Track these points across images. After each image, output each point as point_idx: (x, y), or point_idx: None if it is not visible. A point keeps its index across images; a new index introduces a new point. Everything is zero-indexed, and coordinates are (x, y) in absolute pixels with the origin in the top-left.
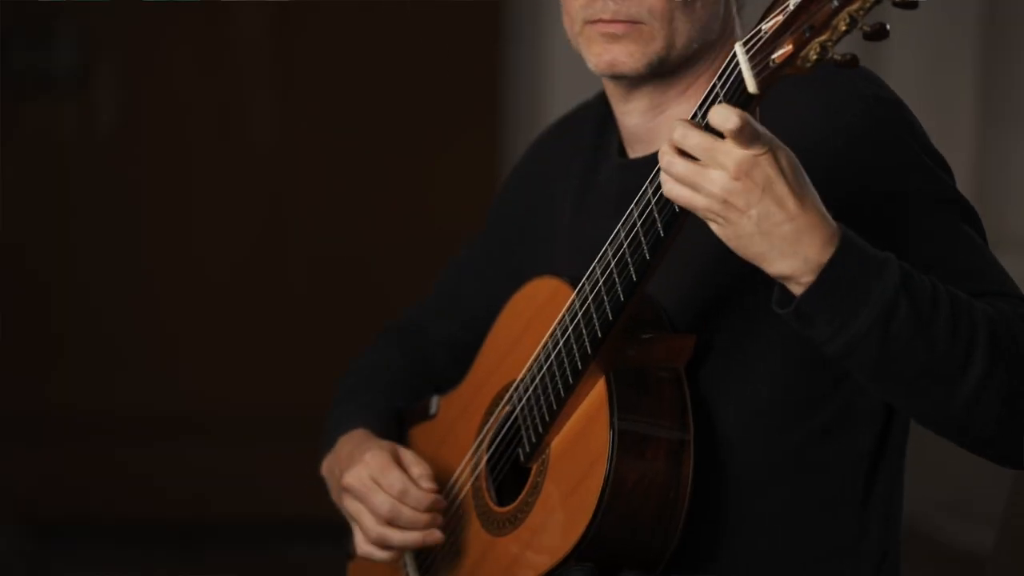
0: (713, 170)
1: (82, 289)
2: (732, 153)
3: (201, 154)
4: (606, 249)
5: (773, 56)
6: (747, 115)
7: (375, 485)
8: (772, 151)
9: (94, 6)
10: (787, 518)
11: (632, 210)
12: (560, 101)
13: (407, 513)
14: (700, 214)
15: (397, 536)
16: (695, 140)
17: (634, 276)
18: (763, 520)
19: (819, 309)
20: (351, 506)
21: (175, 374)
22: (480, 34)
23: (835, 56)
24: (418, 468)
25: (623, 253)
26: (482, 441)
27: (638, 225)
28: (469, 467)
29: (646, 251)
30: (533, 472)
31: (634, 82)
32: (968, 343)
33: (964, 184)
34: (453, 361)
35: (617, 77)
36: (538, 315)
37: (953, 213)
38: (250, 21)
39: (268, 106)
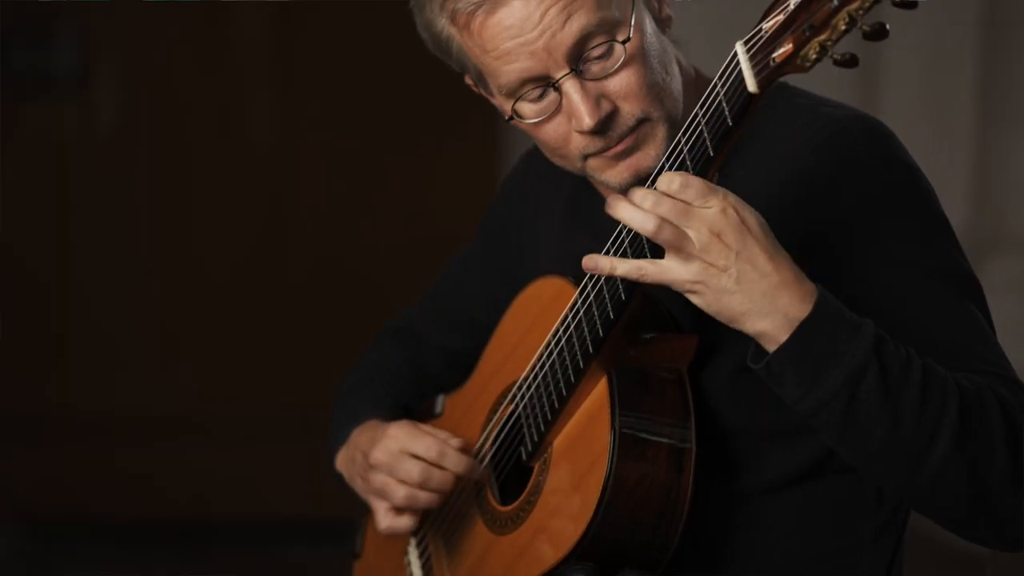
0: (691, 232)
1: (82, 289)
2: (699, 217)
3: (201, 154)
4: (608, 248)
5: (773, 55)
6: (688, 175)
7: (405, 455)
8: (736, 208)
9: (94, 6)
10: (797, 521)
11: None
12: None
13: (438, 475)
14: (679, 286)
15: (424, 497)
16: (665, 208)
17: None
18: (773, 523)
19: (789, 369)
20: (378, 480)
21: (175, 374)
22: None
23: (835, 55)
24: (445, 434)
25: (625, 252)
26: (485, 440)
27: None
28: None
29: (647, 250)
30: (535, 471)
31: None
32: (936, 419)
33: (964, 184)
34: (447, 366)
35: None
36: (543, 314)
37: (956, 287)
38: (250, 21)
39: (268, 106)
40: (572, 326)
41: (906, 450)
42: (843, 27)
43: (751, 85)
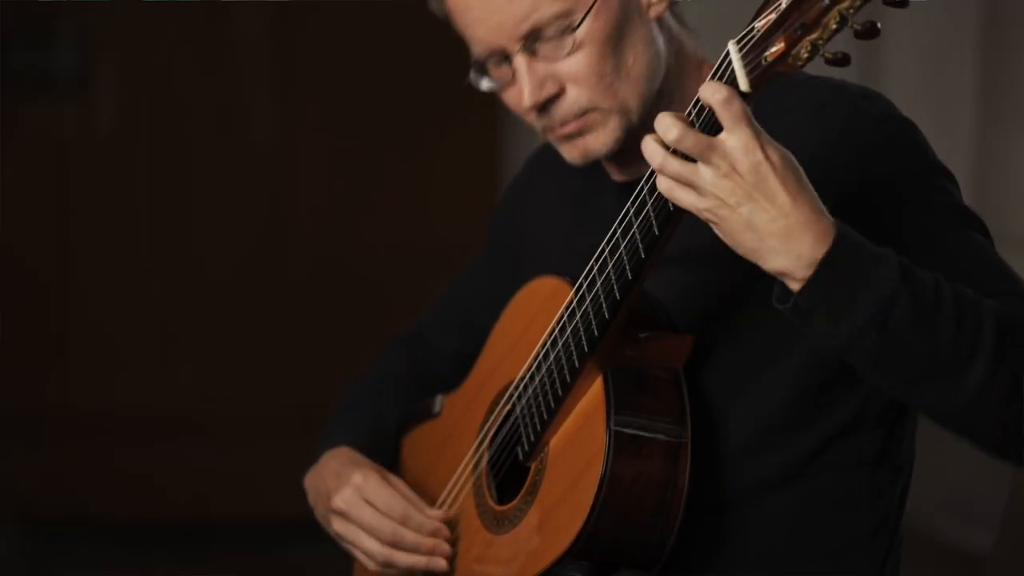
0: (704, 168)
1: (82, 289)
2: (721, 150)
3: (201, 154)
4: (603, 248)
5: (765, 54)
6: (733, 91)
7: (372, 509)
8: (762, 145)
9: (94, 6)
10: (793, 519)
11: (628, 208)
12: None
13: (410, 537)
14: (695, 212)
15: (403, 558)
16: (689, 142)
17: (630, 274)
18: (768, 520)
19: (815, 306)
20: (343, 529)
21: (175, 374)
22: None
23: (826, 54)
24: (412, 494)
25: (619, 252)
26: (483, 440)
27: (634, 224)
28: (470, 466)
29: (642, 249)
30: (532, 471)
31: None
32: (973, 338)
33: (964, 184)
34: (457, 373)
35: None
36: (539, 314)
37: (961, 221)
38: (250, 21)
39: (268, 106)
40: (568, 326)
41: (945, 372)
42: (834, 26)
43: (743, 84)
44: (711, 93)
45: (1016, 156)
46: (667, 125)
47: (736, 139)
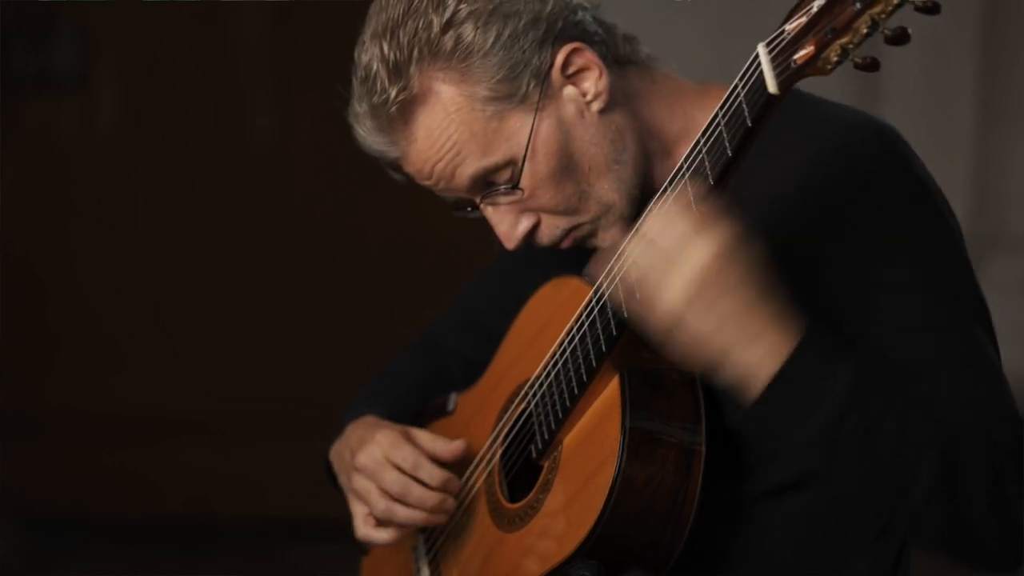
0: (677, 271)
1: (81, 289)
2: (682, 256)
3: (201, 153)
4: (624, 247)
5: (795, 57)
6: (676, 216)
7: (386, 462)
8: (723, 246)
9: (94, 6)
10: (802, 523)
11: (650, 207)
12: None
13: (417, 490)
14: (668, 317)
15: (403, 512)
16: (647, 259)
17: None
18: (777, 525)
19: (771, 412)
20: (360, 484)
21: (175, 374)
22: None
23: (855, 59)
24: (433, 443)
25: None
26: (496, 437)
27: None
28: (483, 463)
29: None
30: (545, 469)
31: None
32: (917, 455)
33: (964, 184)
34: (470, 375)
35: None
36: (557, 314)
37: (958, 311)
38: (250, 21)
39: (268, 106)
40: (586, 325)
41: (888, 485)
42: (865, 31)
43: (772, 86)
44: (653, 229)
45: (1016, 156)
46: (633, 244)
47: (693, 248)
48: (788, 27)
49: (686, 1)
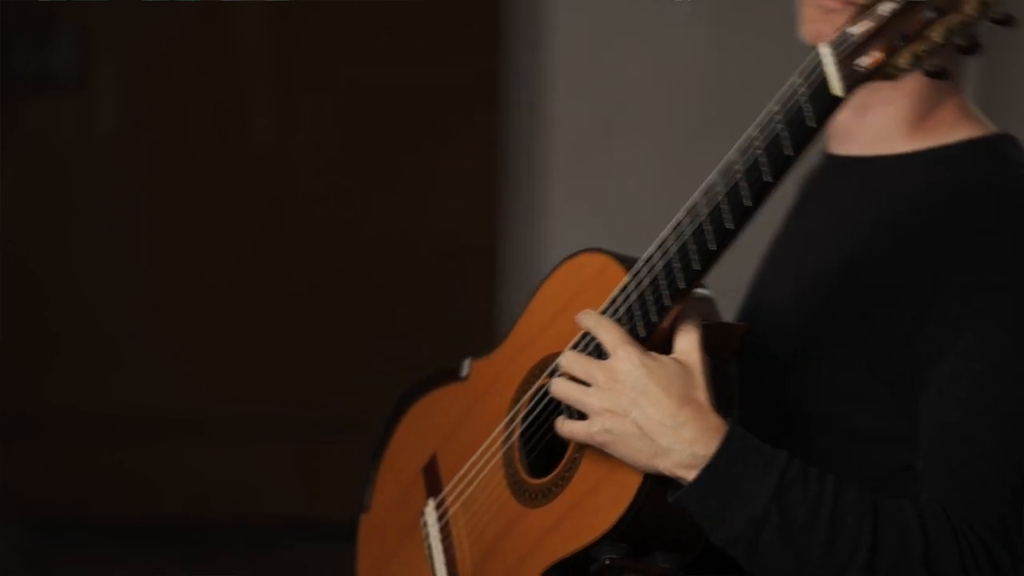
0: (592, 388)
1: (81, 288)
2: (605, 367)
3: (201, 154)
4: (668, 236)
5: (861, 61)
6: (599, 316)
7: None
8: (640, 354)
9: (94, 5)
10: None
11: (700, 201)
12: (560, 100)
13: None
14: (590, 441)
15: None
16: (577, 366)
17: (697, 264)
18: None
19: (695, 508)
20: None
21: (174, 374)
22: (480, 34)
23: (927, 67)
24: None
25: (687, 242)
26: (517, 412)
27: (705, 214)
28: (501, 436)
29: (712, 241)
30: (571, 448)
31: None
32: (842, 563)
33: None
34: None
35: None
36: (583, 290)
37: (1011, 420)
38: (250, 21)
39: (268, 106)
40: (621, 308)
41: None
42: (937, 39)
43: (836, 88)
44: (583, 319)
45: None
46: (565, 355)
47: (616, 357)
48: (854, 30)
49: (686, 1)
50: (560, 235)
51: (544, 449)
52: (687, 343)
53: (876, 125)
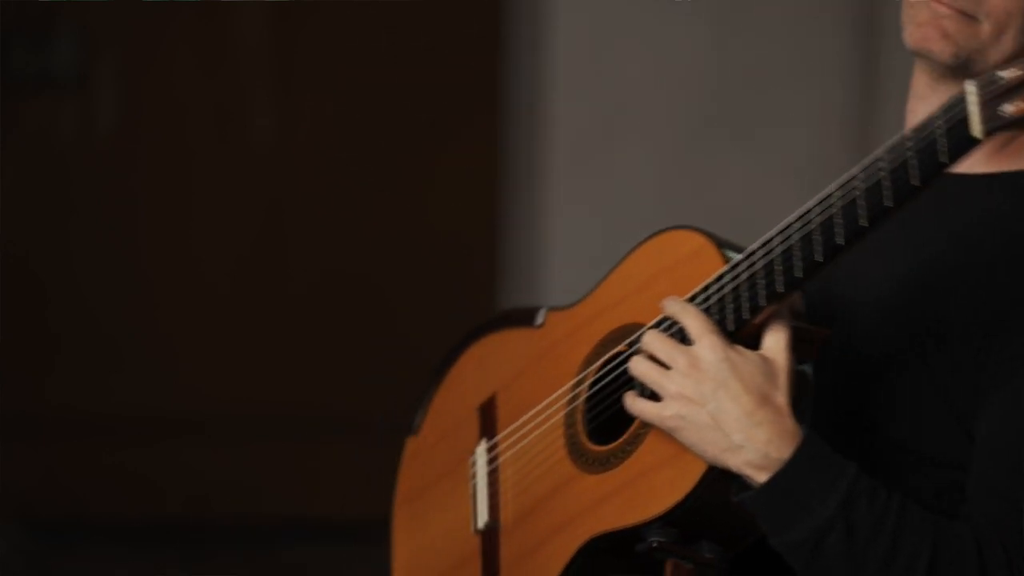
0: (672, 372)
1: (81, 288)
2: (688, 352)
3: (201, 154)
4: (775, 236)
5: (1006, 108)
6: (687, 304)
7: None
8: (726, 347)
9: (94, 6)
10: None
11: (813, 208)
12: (560, 100)
13: None
14: (659, 423)
15: None
16: (657, 345)
17: (800, 272)
18: None
19: (761, 511)
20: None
21: (174, 374)
22: (480, 34)
23: None
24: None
25: (794, 247)
26: (587, 375)
27: (816, 224)
28: (567, 395)
29: (819, 252)
30: (637, 422)
31: (937, 73)
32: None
33: None
34: None
35: (922, 56)
36: (674, 267)
37: None
38: (250, 21)
39: (268, 106)
40: (713, 298)
41: None
42: None
43: (976, 130)
44: (669, 305)
45: None
46: (648, 334)
47: (700, 345)
48: (1004, 74)
49: (686, 1)
50: (560, 235)
51: (608, 417)
52: (775, 342)
53: None
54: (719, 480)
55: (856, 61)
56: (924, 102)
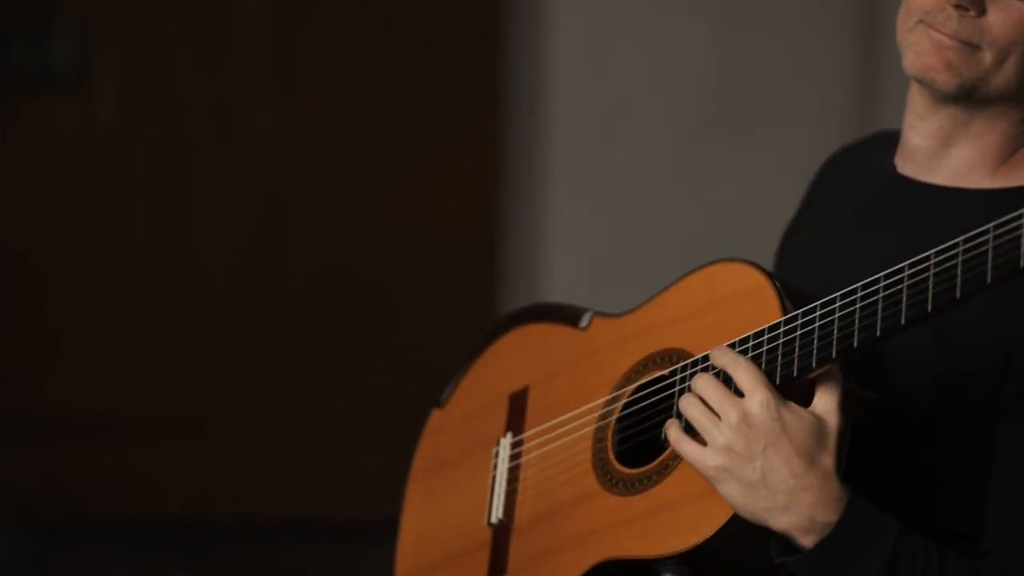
0: (722, 423)
1: (80, 287)
2: (741, 406)
3: (200, 150)
4: (837, 300)
5: None
6: (740, 357)
7: None
8: (779, 406)
9: (93, 1)
10: None
11: (881, 280)
12: (560, 100)
13: None
14: (702, 469)
15: None
16: (710, 390)
17: (855, 341)
18: None
19: (804, 573)
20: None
21: (174, 374)
22: (480, 32)
23: None
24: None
25: (853, 316)
26: (624, 393)
27: (880, 296)
28: (601, 408)
29: (879, 327)
30: (669, 451)
31: (938, 100)
32: None
33: None
34: None
35: (924, 84)
36: (729, 301)
37: None
38: (250, 16)
39: (268, 102)
40: (765, 347)
41: None
42: None
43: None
44: (717, 356)
45: None
46: (701, 379)
47: (753, 401)
48: None
49: (686, 1)
50: (560, 235)
51: (638, 441)
52: (827, 404)
53: (961, 158)
54: (741, 530)
55: (856, 61)
56: (924, 121)
